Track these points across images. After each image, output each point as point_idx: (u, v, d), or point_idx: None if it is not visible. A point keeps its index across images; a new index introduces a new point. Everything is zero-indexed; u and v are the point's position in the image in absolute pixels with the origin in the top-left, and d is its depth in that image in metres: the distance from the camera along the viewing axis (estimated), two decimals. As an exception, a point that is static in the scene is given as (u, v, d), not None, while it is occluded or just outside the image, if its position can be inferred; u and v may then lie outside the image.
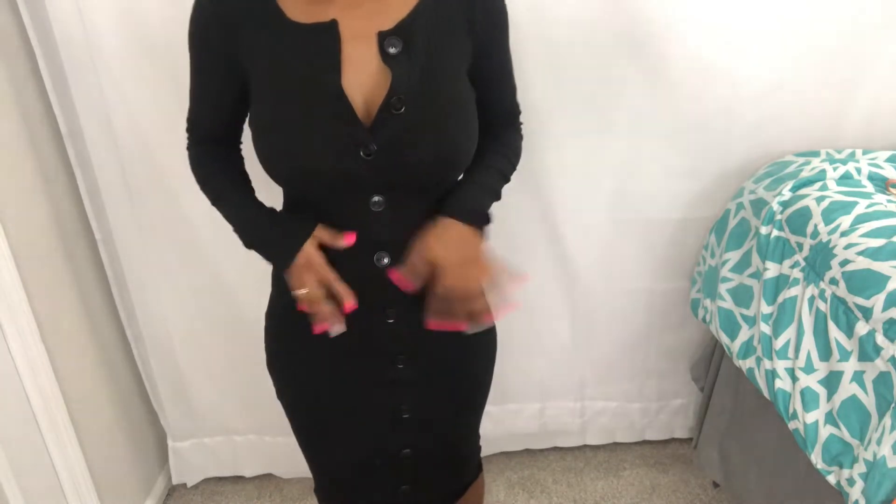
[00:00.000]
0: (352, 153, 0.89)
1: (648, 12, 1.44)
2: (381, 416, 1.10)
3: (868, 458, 1.08)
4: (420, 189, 0.97)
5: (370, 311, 1.00)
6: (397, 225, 0.96)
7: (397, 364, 1.06)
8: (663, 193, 1.66)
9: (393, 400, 1.09)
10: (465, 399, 1.18)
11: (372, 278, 0.98)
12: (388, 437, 1.12)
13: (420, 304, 0.99)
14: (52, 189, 1.48)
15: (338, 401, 1.10)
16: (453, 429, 1.20)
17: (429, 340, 1.03)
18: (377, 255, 0.97)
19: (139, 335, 1.71)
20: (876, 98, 1.57)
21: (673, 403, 1.99)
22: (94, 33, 1.36)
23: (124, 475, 1.76)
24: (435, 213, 0.98)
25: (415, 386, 1.08)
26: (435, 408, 1.13)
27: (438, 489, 1.26)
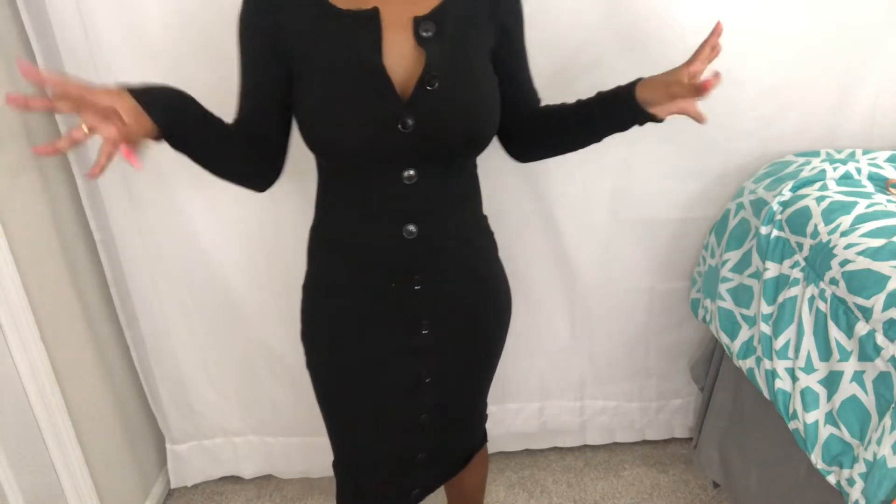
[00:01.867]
0: (391, 127, 0.96)
1: (648, 12, 1.44)
2: (405, 382, 1.16)
3: (868, 458, 1.08)
4: (449, 163, 1.05)
5: (398, 280, 1.08)
6: (426, 198, 1.04)
7: (422, 330, 1.12)
8: (663, 193, 1.66)
9: (416, 366, 1.15)
10: (481, 365, 1.26)
11: (400, 248, 1.05)
12: (410, 402, 1.18)
13: (446, 269, 1.10)
14: (51, 189, 1.48)
15: (365, 368, 1.15)
16: (468, 394, 1.28)
17: (452, 306, 1.13)
18: (406, 226, 1.04)
19: (138, 336, 1.71)
20: (876, 98, 1.57)
21: (673, 403, 1.99)
22: (94, 33, 1.36)
23: (124, 475, 1.76)
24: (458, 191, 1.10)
25: (437, 352, 1.15)
26: (453, 372, 1.20)
27: (450, 454, 1.33)
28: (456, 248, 1.11)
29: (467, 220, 1.15)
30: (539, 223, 1.68)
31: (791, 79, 1.53)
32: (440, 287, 1.11)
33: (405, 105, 0.97)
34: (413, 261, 1.07)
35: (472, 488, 1.51)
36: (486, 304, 1.20)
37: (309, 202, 1.58)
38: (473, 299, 1.16)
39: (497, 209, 1.64)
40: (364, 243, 1.07)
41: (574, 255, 1.72)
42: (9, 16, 1.35)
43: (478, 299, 1.17)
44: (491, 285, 1.21)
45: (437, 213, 1.06)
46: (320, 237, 1.15)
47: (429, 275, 1.09)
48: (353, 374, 1.17)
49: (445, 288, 1.12)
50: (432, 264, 1.09)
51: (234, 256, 1.64)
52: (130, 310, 1.67)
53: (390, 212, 1.04)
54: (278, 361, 1.78)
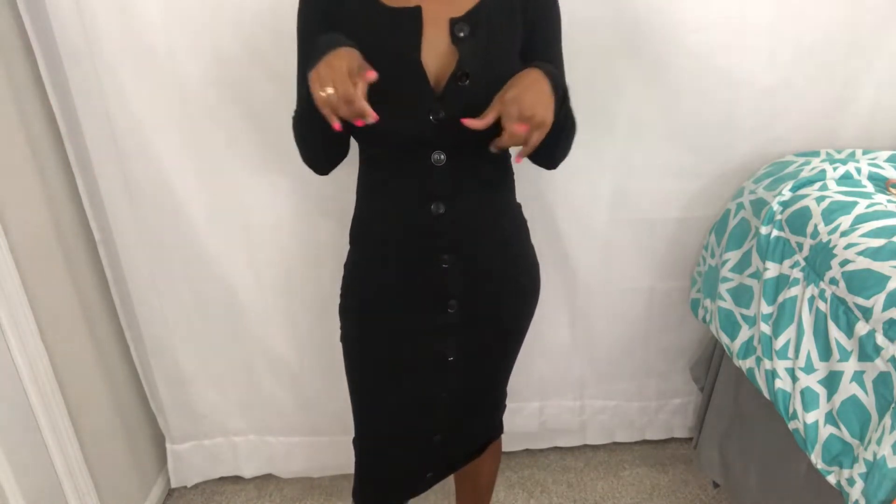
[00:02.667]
0: (423, 117, 1.05)
1: (648, 12, 1.44)
2: (429, 359, 1.23)
3: (868, 458, 1.08)
4: (474, 148, 1.07)
5: (426, 258, 1.15)
6: (454, 178, 1.11)
7: (448, 309, 1.18)
8: (663, 193, 1.66)
9: (441, 344, 1.21)
10: (505, 346, 1.31)
11: (429, 226, 1.12)
12: (432, 380, 1.25)
13: (474, 249, 1.16)
14: (51, 189, 1.48)
15: (394, 346, 1.22)
16: (489, 376, 1.33)
17: (478, 287, 1.18)
18: (434, 204, 1.11)
19: (138, 336, 1.71)
20: (876, 98, 1.57)
21: (672, 403, 1.99)
22: (94, 33, 1.35)
23: (124, 474, 1.76)
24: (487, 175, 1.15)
25: (461, 331, 1.21)
26: (476, 353, 1.25)
27: (465, 439, 1.38)
28: (483, 228, 1.17)
29: (496, 205, 1.20)
30: (539, 223, 1.67)
31: (791, 79, 1.53)
32: (467, 267, 1.16)
33: (437, 98, 1.05)
34: (440, 239, 1.13)
35: (483, 480, 1.54)
36: (512, 287, 1.25)
37: (310, 205, 1.59)
38: (499, 282, 1.21)
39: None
40: (395, 222, 1.15)
41: (574, 255, 1.72)
42: (9, 16, 1.35)
43: (504, 282, 1.22)
44: (519, 270, 1.25)
45: (465, 195, 1.13)
46: (359, 220, 1.22)
47: (455, 254, 1.14)
48: (381, 348, 1.23)
49: (472, 268, 1.17)
50: (459, 244, 1.14)
51: (235, 256, 1.64)
52: (130, 309, 1.67)
53: (420, 190, 1.11)
54: (278, 361, 1.78)
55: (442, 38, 1.06)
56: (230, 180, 1.55)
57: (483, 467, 1.50)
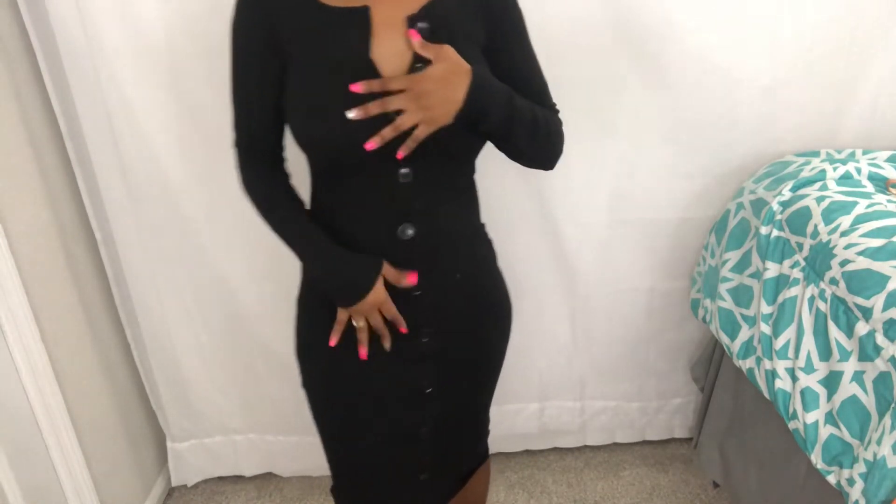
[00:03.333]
0: (382, 123, 0.93)
1: (648, 13, 1.44)
2: (406, 393, 1.14)
3: (868, 458, 1.08)
4: (445, 162, 1.03)
5: (396, 287, 1.05)
6: (422, 198, 1.02)
7: (422, 338, 1.10)
8: (663, 193, 1.66)
9: (417, 375, 1.13)
10: (483, 374, 1.24)
11: (397, 250, 1.03)
12: (411, 414, 1.16)
13: (446, 274, 1.08)
14: (52, 189, 1.48)
15: (366, 381, 1.12)
16: (469, 405, 1.25)
17: (453, 314, 1.11)
18: (402, 226, 1.02)
19: (139, 335, 1.71)
20: (876, 98, 1.57)
21: (673, 403, 1.99)
22: (94, 33, 1.36)
23: (124, 475, 1.76)
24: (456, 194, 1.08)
25: (438, 360, 1.13)
26: (455, 383, 1.17)
27: (452, 472, 1.30)
28: (455, 253, 1.09)
29: (466, 226, 1.13)
30: (539, 223, 1.68)
31: (791, 79, 1.53)
32: (440, 293, 1.08)
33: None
34: (410, 265, 1.04)
35: (473, 498, 1.45)
36: (488, 312, 1.18)
37: (310, 203, 1.59)
38: (475, 307, 1.14)
39: (497, 210, 1.64)
40: (358, 248, 1.04)
41: (574, 255, 1.72)
42: (9, 16, 1.35)
43: (479, 307, 1.15)
44: (492, 294, 1.19)
45: (435, 215, 1.04)
46: None
47: (428, 280, 1.06)
48: (352, 387, 1.13)
49: (446, 294, 1.09)
50: (431, 269, 1.06)
51: (235, 255, 1.64)
52: (131, 309, 1.68)
53: (386, 212, 1.02)
54: (278, 360, 1.78)
55: (398, 37, 0.97)
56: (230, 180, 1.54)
57: (473, 490, 1.40)
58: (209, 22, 1.38)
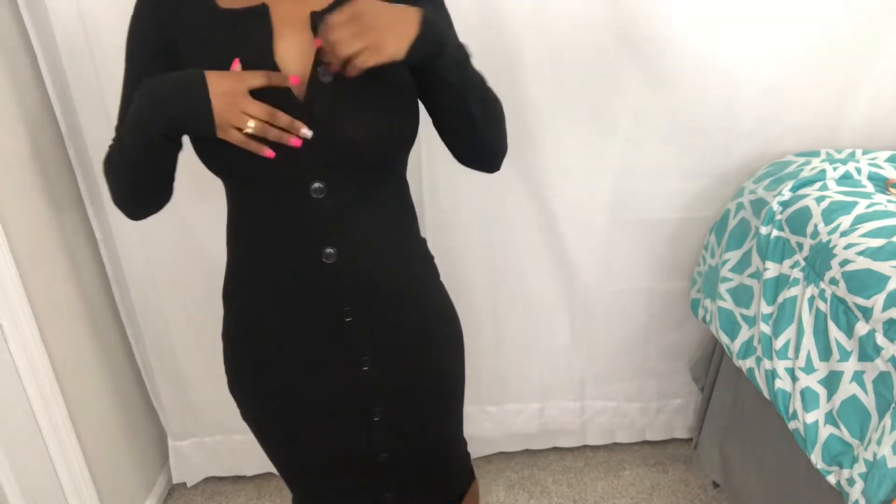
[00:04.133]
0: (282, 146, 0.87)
1: (648, 12, 1.44)
2: (352, 420, 1.07)
3: (868, 458, 1.08)
4: (360, 174, 0.94)
5: (325, 314, 0.98)
6: (341, 216, 0.93)
7: (362, 366, 1.02)
8: (663, 193, 1.66)
9: (362, 403, 1.06)
10: (436, 400, 1.14)
11: (322, 275, 0.95)
12: (361, 441, 1.09)
13: (379, 297, 0.98)
14: (52, 189, 1.48)
15: (307, 410, 1.06)
16: (429, 432, 1.16)
17: (393, 338, 1.03)
18: (323, 248, 0.93)
19: (139, 334, 1.72)
20: (876, 98, 1.57)
21: (673, 403, 1.99)
22: (94, 33, 1.36)
23: (124, 475, 1.76)
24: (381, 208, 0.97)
25: (382, 388, 1.05)
26: (406, 410, 1.09)
27: (427, 496, 1.22)
28: (387, 273, 1.00)
29: (397, 243, 1.02)
30: (539, 223, 1.68)
31: (791, 79, 1.53)
32: (374, 318, 1.00)
33: (302, 105, 0.88)
34: (337, 290, 0.96)
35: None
36: (431, 333, 1.08)
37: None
38: (416, 329, 1.05)
39: (497, 209, 1.65)
40: (281, 274, 0.97)
41: (574, 255, 1.72)
42: (9, 16, 1.35)
43: (421, 329, 1.06)
44: (433, 315, 1.09)
45: (358, 234, 0.95)
46: (234, 276, 1.03)
47: (358, 305, 0.98)
48: (293, 421, 1.07)
49: (381, 318, 1.01)
50: (360, 293, 0.97)
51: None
52: (131, 308, 1.68)
53: (303, 233, 0.93)
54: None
55: (302, 38, 0.90)
56: (230, 180, 1.55)
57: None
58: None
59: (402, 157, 1.00)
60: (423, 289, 1.08)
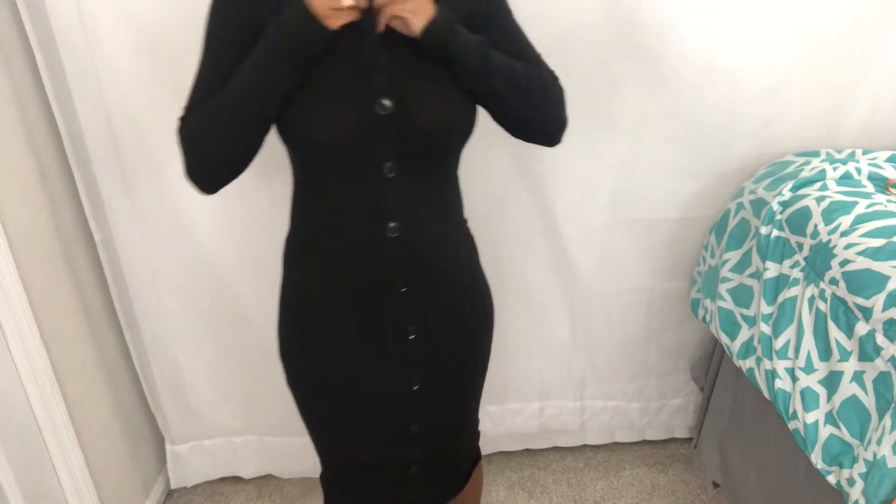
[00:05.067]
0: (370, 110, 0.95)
1: (648, 13, 1.44)
2: (393, 390, 1.13)
3: (868, 458, 1.08)
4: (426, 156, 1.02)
5: (383, 283, 1.05)
6: (407, 195, 1.01)
7: (408, 336, 1.09)
8: (663, 193, 1.66)
9: (404, 373, 1.13)
10: (467, 374, 1.23)
11: (383, 249, 1.02)
12: (400, 412, 1.15)
13: (432, 271, 1.07)
14: (51, 190, 1.48)
15: (352, 378, 1.12)
16: (458, 404, 1.25)
17: (439, 312, 1.11)
18: (388, 223, 1.01)
19: (138, 337, 1.71)
20: (876, 98, 1.57)
21: (673, 403, 1.99)
22: (93, 33, 1.36)
23: (124, 475, 1.76)
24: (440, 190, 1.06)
25: (424, 359, 1.12)
26: (441, 381, 1.17)
27: (443, 470, 1.29)
28: (441, 251, 1.08)
29: (450, 223, 1.11)
30: (539, 223, 1.68)
31: (791, 79, 1.53)
32: (426, 291, 1.08)
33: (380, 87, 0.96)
34: (396, 262, 1.04)
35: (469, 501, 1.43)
36: (472, 310, 1.18)
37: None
38: (460, 305, 1.14)
39: (497, 209, 1.65)
40: (344, 245, 1.04)
41: (574, 255, 1.72)
42: (9, 16, 1.35)
43: (464, 305, 1.15)
44: (476, 292, 1.18)
45: (419, 213, 1.04)
46: (298, 244, 1.11)
47: (414, 277, 1.06)
48: (338, 387, 1.13)
49: (431, 292, 1.08)
50: (416, 267, 1.05)
51: (235, 256, 1.64)
52: (130, 310, 1.67)
53: (371, 208, 1.01)
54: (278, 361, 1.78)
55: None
56: (230, 180, 1.55)
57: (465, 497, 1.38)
58: (209, 22, 1.38)
59: (463, 144, 1.07)
60: (468, 267, 1.16)
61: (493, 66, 0.99)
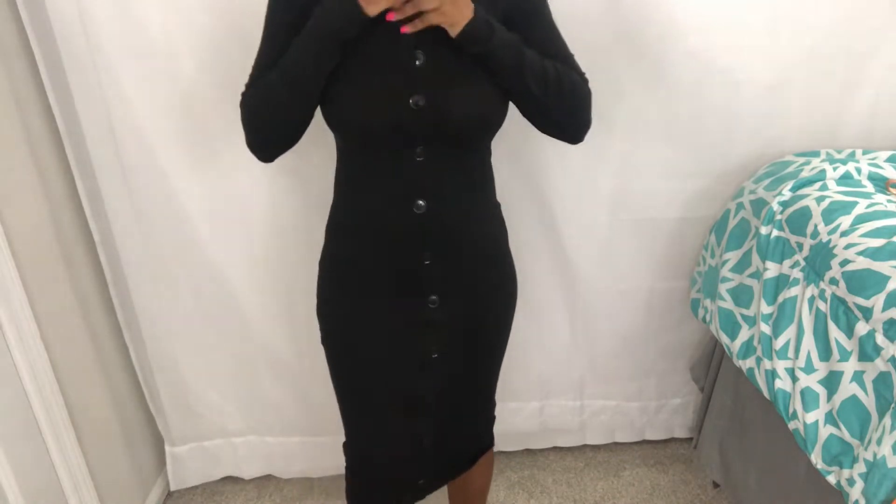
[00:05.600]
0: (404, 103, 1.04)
1: (648, 12, 1.44)
2: (413, 356, 1.23)
3: (868, 458, 1.08)
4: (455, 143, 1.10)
5: (409, 254, 1.15)
6: (436, 176, 1.10)
7: (430, 304, 1.18)
8: (663, 193, 1.66)
9: (424, 340, 1.21)
10: (487, 345, 1.30)
11: (411, 223, 1.12)
12: (418, 378, 1.25)
13: (456, 247, 1.16)
14: (51, 190, 1.48)
15: (376, 340, 1.22)
16: (473, 376, 1.32)
17: (460, 284, 1.19)
18: (416, 202, 1.10)
19: (137, 337, 1.71)
20: (876, 98, 1.57)
21: (673, 403, 1.99)
22: (93, 33, 1.35)
23: (124, 474, 1.75)
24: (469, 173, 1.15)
25: (444, 327, 1.21)
26: (461, 351, 1.25)
27: (456, 445, 1.37)
28: (465, 228, 1.16)
29: (478, 204, 1.19)
30: (539, 223, 1.68)
31: (791, 79, 1.53)
32: (449, 264, 1.16)
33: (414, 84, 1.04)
34: (423, 236, 1.13)
35: (474, 487, 1.52)
36: (493, 287, 1.25)
37: (310, 205, 1.59)
38: (481, 280, 1.22)
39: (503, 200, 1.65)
40: (376, 219, 1.14)
41: (574, 254, 1.72)
42: (9, 16, 1.35)
43: (485, 281, 1.23)
44: (498, 270, 1.26)
45: (447, 192, 1.12)
46: (337, 214, 1.21)
47: (438, 251, 1.14)
48: (365, 346, 1.23)
49: (454, 265, 1.17)
50: (441, 241, 1.14)
51: (234, 256, 1.64)
52: (130, 310, 1.67)
53: (402, 187, 1.10)
54: (278, 361, 1.78)
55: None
56: (230, 180, 1.55)
57: (476, 478, 1.49)
58: (209, 21, 1.38)
59: (493, 135, 1.16)
60: (493, 246, 1.24)
61: (528, 66, 1.06)
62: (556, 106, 1.11)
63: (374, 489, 1.36)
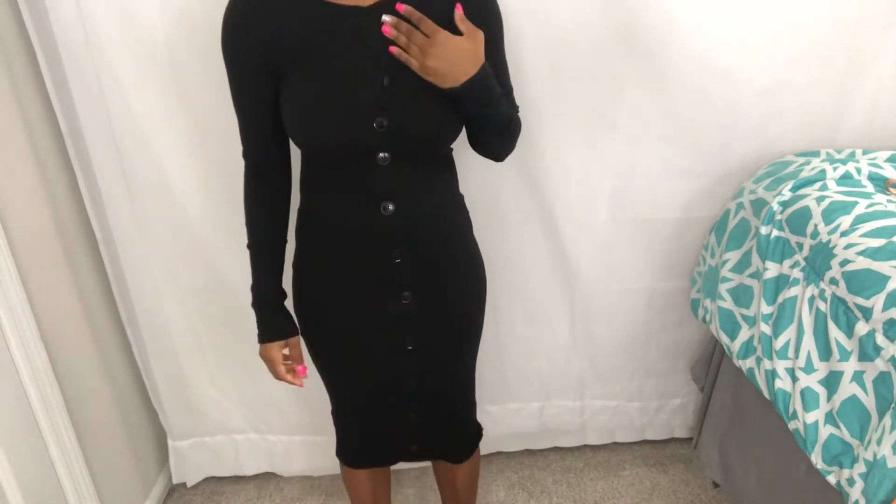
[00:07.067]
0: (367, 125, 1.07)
1: (648, 12, 1.44)
2: (389, 348, 1.28)
3: (868, 458, 1.08)
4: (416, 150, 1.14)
5: (379, 253, 1.19)
6: (401, 179, 1.14)
7: (402, 300, 1.23)
8: (663, 193, 1.66)
9: (399, 333, 1.26)
10: (460, 335, 1.35)
11: (380, 224, 1.15)
12: (395, 366, 1.30)
13: (424, 243, 1.20)
14: (52, 189, 1.48)
15: (350, 335, 1.27)
16: (450, 364, 1.36)
17: (430, 278, 1.23)
18: (383, 203, 1.14)
19: (139, 334, 1.71)
20: (876, 98, 1.57)
21: (673, 403, 1.99)
22: (94, 33, 1.36)
23: (124, 475, 1.76)
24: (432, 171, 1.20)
25: (418, 320, 1.25)
26: (435, 341, 1.30)
27: (441, 426, 1.42)
28: (433, 223, 1.21)
29: (442, 198, 1.23)
30: (539, 223, 1.68)
31: (791, 79, 1.53)
32: (418, 259, 1.20)
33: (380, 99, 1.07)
34: (392, 236, 1.17)
35: (462, 482, 1.54)
36: (462, 277, 1.30)
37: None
38: (450, 272, 1.27)
39: (497, 209, 1.65)
40: (347, 222, 1.17)
41: (574, 255, 1.72)
42: (9, 16, 1.35)
43: (454, 273, 1.28)
44: (466, 260, 1.30)
45: (412, 192, 1.16)
46: (307, 218, 1.24)
47: (407, 248, 1.19)
48: (341, 340, 1.28)
49: (423, 260, 1.21)
50: (410, 239, 1.18)
51: (235, 254, 1.64)
52: (131, 308, 1.68)
53: (368, 192, 1.14)
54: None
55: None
56: (230, 179, 1.55)
57: (462, 469, 1.51)
58: (209, 21, 1.38)
59: (451, 143, 1.20)
60: (459, 236, 1.29)
61: (495, 110, 1.13)
62: (499, 139, 1.21)
63: (363, 446, 1.43)
